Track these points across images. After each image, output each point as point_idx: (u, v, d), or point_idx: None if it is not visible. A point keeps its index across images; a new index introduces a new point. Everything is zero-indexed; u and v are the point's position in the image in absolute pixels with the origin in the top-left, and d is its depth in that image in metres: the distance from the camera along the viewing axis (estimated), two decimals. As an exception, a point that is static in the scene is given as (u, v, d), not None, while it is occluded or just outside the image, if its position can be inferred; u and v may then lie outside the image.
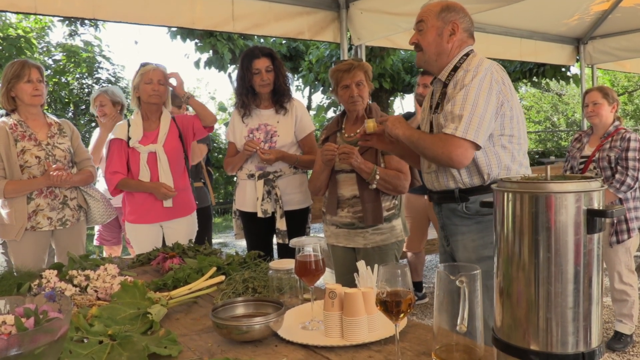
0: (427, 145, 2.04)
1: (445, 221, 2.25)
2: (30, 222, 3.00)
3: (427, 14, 2.15)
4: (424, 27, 2.14)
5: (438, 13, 2.13)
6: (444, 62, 2.16)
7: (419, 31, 2.17)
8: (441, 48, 2.13)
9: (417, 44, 2.18)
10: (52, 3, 3.37)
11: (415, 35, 2.18)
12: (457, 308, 1.18)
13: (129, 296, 1.67)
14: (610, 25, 6.12)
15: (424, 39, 2.15)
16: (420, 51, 2.19)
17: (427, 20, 2.13)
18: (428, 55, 2.16)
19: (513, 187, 1.12)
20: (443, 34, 2.12)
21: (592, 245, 1.08)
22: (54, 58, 11.59)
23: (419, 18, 2.17)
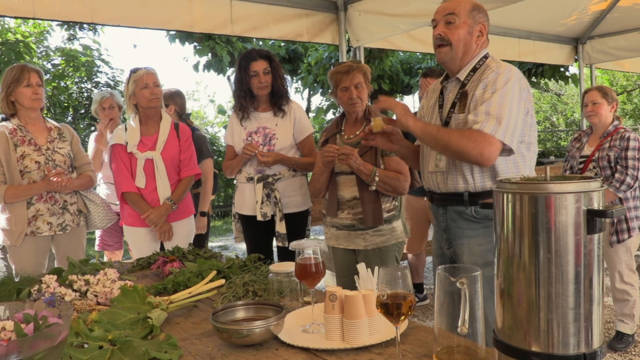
0: (454, 139, 1.96)
1: (450, 224, 2.20)
2: (30, 227, 3.00)
3: (459, 8, 2.04)
4: (456, 21, 2.03)
5: (470, 11, 2.05)
6: (466, 61, 2.10)
7: (448, 24, 2.05)
8: (468, 47, 2.07)
9: (443, 37, 2.06)
10: (51, 7, 3.37)
11: (442, 28, 2.06)
12: (458, 310, 1.18)
13: (129, 301, 1.67)
14: (609, 25, 6.12)
15: (455, 34, 2.04)
16: (446, 46, 2.07)
17: (460, 15, 2.03)
18: (455, 52, 2.07)
19: (512, 188, 1.12)
20: (472, 34, 2.06)
21: (593, 246, 1.07)
22: (53, 62, 11.59)
23: (449, 10, 2.04)
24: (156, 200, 3.17)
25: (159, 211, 3.12)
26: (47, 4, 3.35)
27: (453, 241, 2.22)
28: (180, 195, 3.21)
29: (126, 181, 3.15)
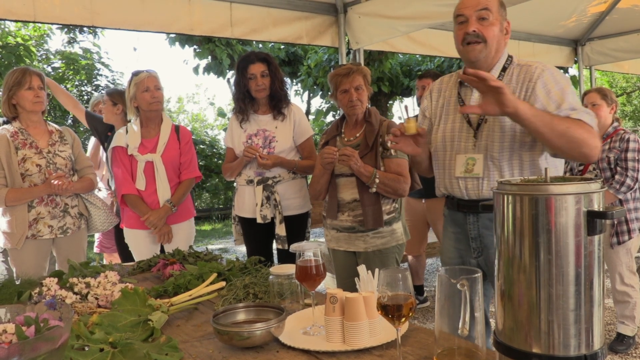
0: (573, 126, 1.76)
1: (483, 232, 2.07)
2: (31, 230, 3.00)
3: (491, 4, 1.92)
4: (490, 17, 1.92)
5: (499, 7, 1.96)
6: (495, 60, 2.01)
7: (482, 19, 1.92)
8: (500, 44, 1.98)
9: (477, 34, 1.93)
10: (51, 11, 3.37)
11: (475, 24, 1.92)
12: (459, 311, 1.18)
13: (130, 303, 1.67)
14: (608, 27, 6.13)
15: (489, 31, 1.93)
16: (479, 43, 1.93)
17: (493, 11, 1.92)
18: (489, 50, 1.96)
19: (513, 190, 1.12)
20: (503, 31, 1.98)
21: (593, 247, 1.08)
22: (53, 66, 11.60)
23: (482, 5, 1.91)
24: (156, 202, 3.17)
25: (158, 213, 3.12)
26: (47, 7, 3.36)
27: (486, 250, 2.08)
28: (180, 198, 3.21)
29: (126, 183, 3.15)
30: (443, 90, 2.22)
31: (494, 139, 1.98)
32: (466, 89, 2.11)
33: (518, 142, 1.96)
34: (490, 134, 1.99)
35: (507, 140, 1.96)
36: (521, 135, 1.95)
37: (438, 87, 2.26)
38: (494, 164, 1.99)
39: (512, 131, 1.95)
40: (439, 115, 2.19)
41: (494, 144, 1.98)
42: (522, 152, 1.97)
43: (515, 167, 1.99)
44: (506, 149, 1.97)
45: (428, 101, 2.28)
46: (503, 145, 1.97)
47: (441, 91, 2.23)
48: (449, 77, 2.27)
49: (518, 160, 1.98)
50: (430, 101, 2.27)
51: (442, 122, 2.17)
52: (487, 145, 2.00)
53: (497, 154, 1.98)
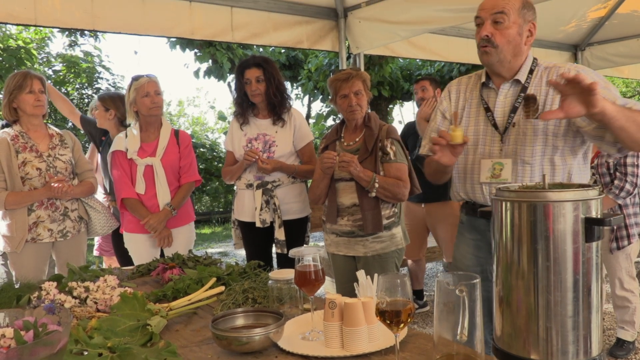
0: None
1: None
2: (31, 234, 3.00)
3: (509, 6, 1.90)
4: (505, 21, 1.89)
5: (520, 9, 1.91)
6: (517, 63, 1.98)
7: (496, 23, 1.90)
8: (519, 48, 1.94)
9: (489, 39, 1.91)
10: (52, 14, 3.38)
11: (489, 28, 1.90)
12: (458, 317, 1.18)
13: (129, 308, 1.67)
14: (608, 32, 6.13)
15: (503, 35, 1.90)
16: (492, 47, 1.92)
17: (510, 14, 1.89)
18: (503, 54, 1.93)
19: (511, 196, 1.12)
20: (522, 34, 1.93)
21: (591, 254, 1.08)
22: (54, 69, 11.62)
23: (499, 8, 1.89)
24: (156, 206, 3.18)
25: (158, 217, 3.13)
26: (49, 11, 3.36)
27: None
28: (180, 201, 3.22)
29: (126, 187, 3.15)
30: (463, 92, 2.17)
31: (525, 143, 1.94)
32: (489, 91, 2.07)
33: (550, 146, 1.93)
34: (520, 138, 1.95)
35: (539, 144, 1.93)
36: (554, 139, 1.92)
37: (457, 88, 2.20)
38: (524, 169, 1.95)
39: (544, 135, 1.92)
40: (460, 117, 2.14)
41: (525, 148, 1.94)
42: (554, 157, 1.94)
43: (547, 172, 1.94)
44: (538, 154, 1.93)
45: (447, 102, 2.21)
46: (535, 150, 1.93)
47: (460, 92, 2.18)
48: (467, 78, 2.21)
49: (549, 165, 1.95)
50: (449, 102, 2.20)
51: (463, 125, 2.11)
52: (516, 150, 1.95)
53: (530, 159, 1.94)
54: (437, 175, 2.24)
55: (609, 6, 5.53)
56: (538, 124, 1.91)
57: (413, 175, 2.89)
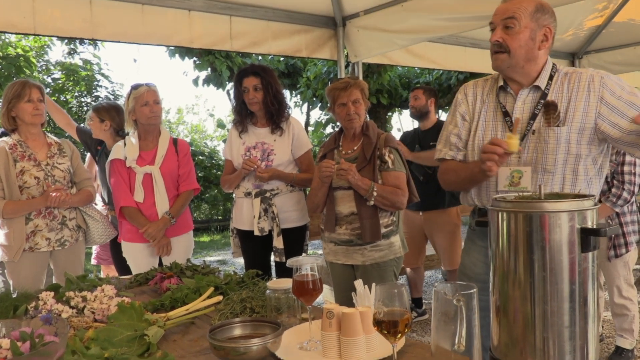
0: None
1: None
2: (29, 243, 2.99)
3: (520, 11, 1.87)
4: (516, 26, 1.87)
5: (533, 12, 1.88)
6: (532, 69, 1.94)
7: (507, 28, 1.88)
8: (532, 54, 1.90)
9: (501, 44, 1.90)
10: (51, 23, 3.39)
11: (500, 33, 1.89)
12: (455, 327, 1.18)
13: (126, 318, 1.67)
14: (605, 40, 6.17)
15: (514, 40, 1.88)
16: (503, 53, 1.91)
17: (521, 19, 1.86)
18: (515, 60, 1.90)
19: (507, 207, 1.13)
20: (536, 38, 1.89)
21: (587, 264, 1.08)
22: (53, 77, 11.64)
23: (509, 14, 1.88)
24: (155, 214, 3.17)
25: (157, 225, 3.12)
26: (48, 20, 3.38)
27: None
28: (179, 210, 3.22)
29: (125, 196, 3.15)
30: (479, 94, 2.12)
31: (546, 151, 1.89)
32: (506, 95, 2.03)
33: (573, 155, 1.88)
34: (541, 145, 1.90)
35: (561, 152, 1.88)
36: (577, 147, 1.87)
37: (473, 91, 2.15)
38: (545, 177, 1.90)
39: (567, 143, 1.87)
40: (476, 120, 2.09)
41: (546, 157, 1.89)
42: (577, 166, 1.90)
43: (568, 181, 1.91)
44: (560, 162, 1.89)
45: (465, 105, 2.14)
46: (557, 158, 1.88)
47: (477, 95, 2.13)
48: (483, 81, 2.16)
49: (572, 174, 1.90)
50: (467, 105, 2.14)
51: (479, 129, 2.07)
52: (536, 158, 1.91)
53: (551, 167, 1.89)
54: (464, 185, 2.12)
55: (606, 15, 5.57)
56: (561, 132, 1.86)
57: (411, 184, 2.90)
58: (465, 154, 2.12)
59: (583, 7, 5.23)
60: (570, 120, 1.86)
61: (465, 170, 2.05)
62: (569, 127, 1.86)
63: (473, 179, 2.01)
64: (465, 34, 5.00)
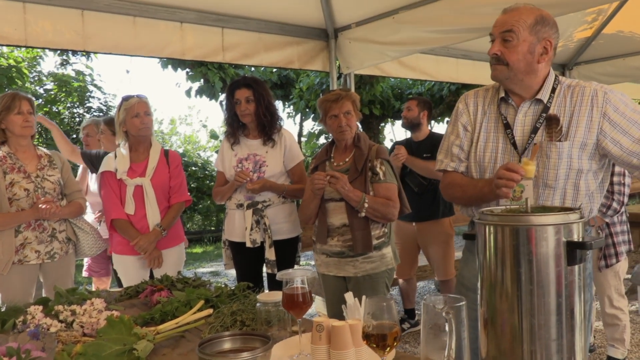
0: None
1: None
2: (18, 256, 2.97)
3: (518, 24, 1.85)
4: (513, 39, 1.85)
5: (532, 26, 1.85)
6: (532, 81, 1.91)
7: (505, 41, 1.87)
8: (531, 67, 1.87)
9: (499, 57, 1.89)
10: (42, 35, 3.39)
11: (498, 46, 1.89)
12: (445, 339, 1.18)
13: (115, 332, 1.65)
14: (595, 51, 6.23)
15: (512, 54, 1.86)
16: (502, 65, 1.90)
17: (519, 32, 1.84)
18: (514, 73, 1.88)
19: (494, 220, 1.13)
20: (535, 52, 1.86)
21: (573, 277, 1.09)
22: (45, 87, 11.61)
23: (507, 27, 1.87)
24: (146, 227, 3.16)
25: (148, 238, 3.11)
26: (39, 32, 3.37)
27: None
28: (170, 222, 3.20)
29: (116, 208, 3.14)
30: (481, 104, 2.09)
31: (548, 166, 1.87)
32: (507, 107, 2.00)
33: (575, 170, 1.86)
34: (543, 160, 1.87)
35: (563, 167, 1.85)
36: (579, 162, 1.85)
37: (474, 101, 2.12)
38: (545, 192, 1.89)
39: (569, 158, 1.84)
40: (477, 131, 2.06)
41: (548, 171, 1.87)
42: (579, 181, 1.87)
43: (569, 196, 1.89)
44: (562, 177, 1.87)
45: (467, 115, 2.11)
46: (559, 173, 1.86)
47: (478, 105, 2.10)
48: (484, 90, 2.13)
49: (573, 189, 1.88)
50: (469, 115, 2.10)
51: (480, 141, 2.04)
52: (537, 172, 1.87)
53: (552, 182, 1.87)
54: (472, 203, 2.07)
55: (595, 26, 5.63)
56: (563, 147, 1.84)
57: (403, 195, 2.90)
58: (468, 165, 2.10)
59: (573, 19, 5.29)
60: (573, 135, 1.84)
61: (473, 188, 2.01)
62: (571, 142, 1.83)
63: (483, 198, 1.95)
64: (457, 45, 5.04)
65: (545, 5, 3.38)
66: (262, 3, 4.06)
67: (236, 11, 4.07)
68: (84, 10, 3.49)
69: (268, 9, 4.17)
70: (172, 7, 3.80)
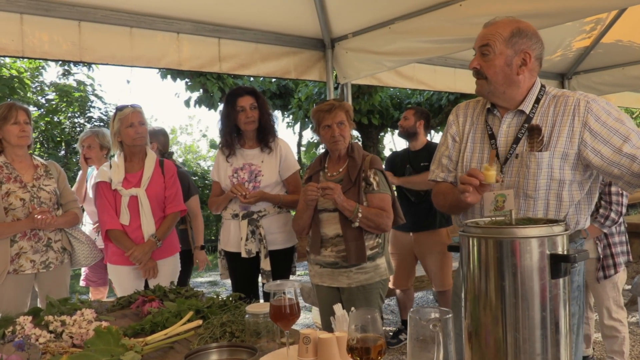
0: None
1: None
2: (13, 265, 2.96)
3: (494, 38, 1.87)
4: (490, 53, 1.87)
5: (508, 39, 1.86)
6: (515, 93, 1.91)
7: (483, 55, 1.90)
8: (510, 79, 1.88)
9: (478, 71, 1.92)
10: (39, 46, 3.40)
11: (477, 60, 1.91)
12: (431, 352, 1.17)
13: (103, 343, 1.65)
14: (593, 61, 6.24)
15: (489, 67, 1.89)
16: (482, 79, 1.92)
17: (494, 46, 1.87)
18: (494, 86, 1.90)
19: (477, 232, 1.12)
20: (512, 64, 1.87)
21: (558, 290, 1.08)
22: (47, 97, 11.64)
23: (484, 41, 1.89)
24: (141, 237, 3.15)
25: (143, 248, 3.10)
26: (36, 43, 3.39)
27: None
28: (165, 232, 3.20)
29: (110, 219, 3.13)
30: (470, 115, 2.11)
31: (527, 176, 1.86)
32: (494, 118, 2.01)
33: (557, 181, 1.85)
34: (523, 170, 1.87)
35: (543, 177, 1.85)
36: (560, 173, 1.84)
37: (464, 112, 2.14)
38: (527, 202, 1.88)
39: (549, 168, 1.84)
40: (465, 141, 2.08)
41: (528, 181, 1.86)
42: (561, 192, 1.86)
43: (552, 207, 1.88)
44: (542, 187, 1.86)
45: (456, 126, 2.14)
46: (539, 183, 1.85)
47: (467, 116, 2.12)
48: (475, 102, 2.15)
49: (556, 199, 1.87)
50: (458, 126, 2.13)
51: (467, 151, 2.06)
52: (518, 182, 1.89)
53: (532, 192, 1.86)
54: (452, 210, 2.15)
55: (594, 36, 5.64)
56: (542, 157, 1.83)
57: (397, 206, 2.90)
58: (456, 176, 2.11)
59: (571, 29, 5.30)
60: (554, 145, 1.84)
61: (452, 195, 2.03)
62: (552, 152, 1.83)
63: (458, 205, 1.99)
64: (454, 55, 5.04)
65: (540, 15, 3.42)
66: (258, 13, 4.07)
67: (233, 22, 4.09)
68: (81, 22, 3.51)
69: (264, 20, 4.19)
70: (169, 18, 3.82)
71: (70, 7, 3.43)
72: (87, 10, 3.49)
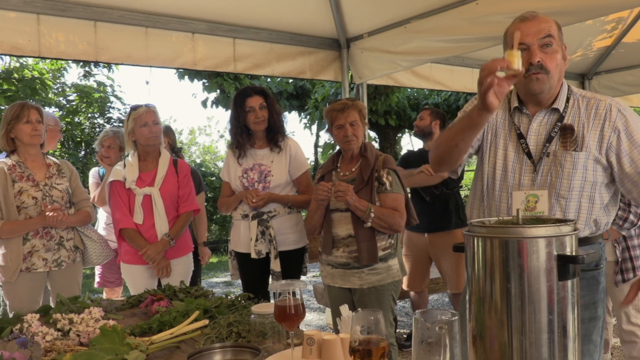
0: None
1: None
2: (26, 264, 2.99)
3: (552, 29, 1.77)
4: (553, 44, 1.76)
5: (559, 31, 1.79)
6: (556, 90, 1.85)
7: (545, 46, 1.76)
8: (561, 75, 1.82)
9: (542, 65, 1.76)
10: (55, 46, 3.43)
11: (539, 53, 1.76)
12: (437, 356, 1.13)
13: (108, 341, 1.64)
14: (614, 61, 6.12)
15: (552, 60, 1.77)
16: (544, 74, 1.77)
17: (556, 38, 1.77)
18: (552, 81, 1.80)
19: (482, 232, 1.09)
20: (564, 58, 1.82)
21: (566, 292, 1.03)
22: (68, 98, 11.80)
23: (545, 32, 1.75)
24: (154, 236, 3.16)
25: (156, 247, 3.11)
26: (52, 43, 3.42)
27: None
28: (179, 231, 3.20)
29: (124, 217, 3.14)
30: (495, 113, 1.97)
31: (561, 176, 1.80)
32: (521, 116, 1.92)
33: (590, 182, 1.80)
34: (556, 169, 1.81)
35: (577, 178, 1.79)
36: (594, 174, 1.80)
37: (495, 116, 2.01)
38: (559, 202, 1.81)
39: (584, 169, 1.79)
40: (488, 140, 1.98)
41: (561, 181, 1.80)
42: (594, 194, 1.82)
43: (584, 209, 1.82)
44: (576, 188, 1.80)
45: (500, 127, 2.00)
46: (572, 183, 1.80)
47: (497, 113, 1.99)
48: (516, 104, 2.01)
49: (588, 201, 1.82)
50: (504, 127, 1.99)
51: (491, 150, 1.96)
52: (550, 182, 1.82)
53: (565, 192, 1.80)
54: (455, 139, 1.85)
55: (615, 35, 5.53)
56: (579, 157, 1.78)
57: (410, 206, 2.86)
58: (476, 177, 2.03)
59: (592, 28, 5.20)
60: (587, 146, 1.80)
61: (460, 121, 1.84)
62: (587, 153, 1.79)
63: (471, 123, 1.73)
64: (471, 54, 4.98)
65: (559, 13, 3.35)
66: (273, 13, 4.07)
67: (247, 22, 4.08)
68: (97, 22, 3.53)
69: (279, 20, 4.18)
70: (184, 18, 3.83)
71: (86, 8, 3.46)
72: (102, 10, 3.51)
